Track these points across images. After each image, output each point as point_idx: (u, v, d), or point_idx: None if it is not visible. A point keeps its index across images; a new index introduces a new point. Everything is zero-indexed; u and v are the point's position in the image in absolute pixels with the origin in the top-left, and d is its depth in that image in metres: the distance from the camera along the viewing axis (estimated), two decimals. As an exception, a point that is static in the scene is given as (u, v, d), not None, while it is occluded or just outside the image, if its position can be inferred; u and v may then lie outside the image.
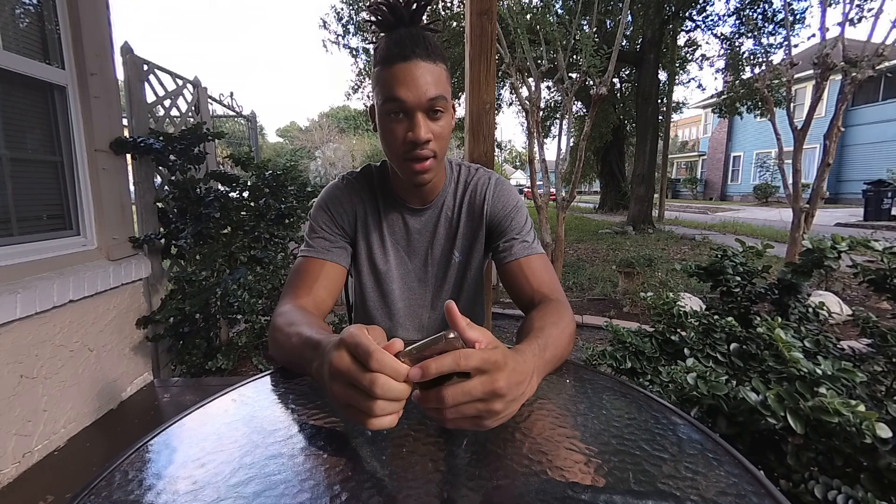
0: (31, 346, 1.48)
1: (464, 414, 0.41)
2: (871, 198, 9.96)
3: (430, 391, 0.41)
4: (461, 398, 0.40)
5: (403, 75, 0.69)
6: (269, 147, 35.83)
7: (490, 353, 0.42)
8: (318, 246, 0.83)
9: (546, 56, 4.01)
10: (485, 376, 0.41)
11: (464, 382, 0.41)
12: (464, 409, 0.41)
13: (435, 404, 0.41)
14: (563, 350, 0.64)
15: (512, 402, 0.44)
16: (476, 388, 0.41)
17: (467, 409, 0.41)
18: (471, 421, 0.43)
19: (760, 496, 0.39)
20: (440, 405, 0.41)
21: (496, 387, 0.41)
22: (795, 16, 7.94)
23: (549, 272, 0.82)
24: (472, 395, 0.41)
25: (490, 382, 0.41)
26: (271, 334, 0.69)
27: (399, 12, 0.72)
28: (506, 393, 0.42)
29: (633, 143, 13.30)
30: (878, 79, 14.18)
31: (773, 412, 0.73)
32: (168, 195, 2.38)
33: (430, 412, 0.42)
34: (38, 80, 1.67)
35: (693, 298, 3.29)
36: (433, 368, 0.40)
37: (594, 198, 23.78)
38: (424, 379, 0.40)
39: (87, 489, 0.41)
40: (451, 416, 0.41)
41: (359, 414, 0.41)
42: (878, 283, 1.10)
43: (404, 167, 0.75)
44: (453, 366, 0.40)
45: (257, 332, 2.32)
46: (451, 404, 0.40)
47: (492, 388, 0.41)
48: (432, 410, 0.42)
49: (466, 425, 0.43)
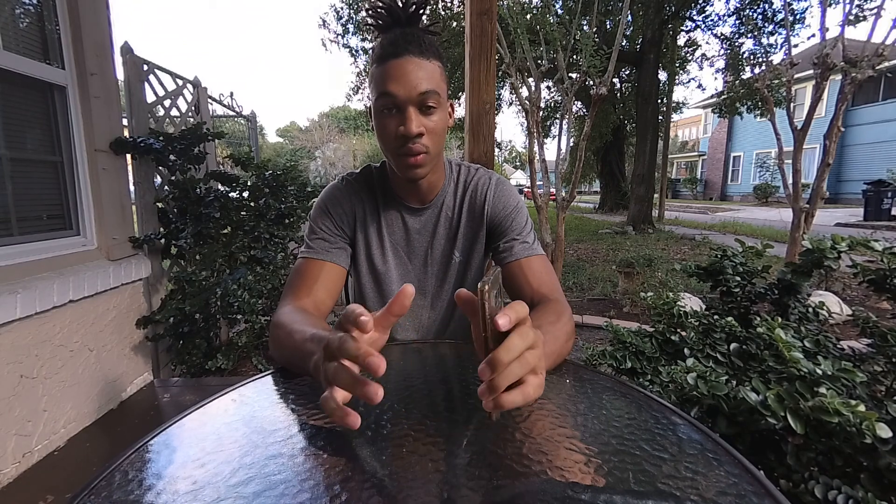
0: (31, 346, 1.48)
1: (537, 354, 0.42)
2: (871, 198, 9.96)
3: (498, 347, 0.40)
4: (520, 343, 0.41)
5: (395, 71, 0.70)
6: (269, 147, 35.85)
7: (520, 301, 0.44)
8: (317, 247, 0.83)
9: (546, 56, 4.01)
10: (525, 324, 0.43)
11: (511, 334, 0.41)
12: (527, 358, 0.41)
13: (506, 355, 0.40)
14: (562, 348, 0.64)
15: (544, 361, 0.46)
16: (526, 332, 0.42)
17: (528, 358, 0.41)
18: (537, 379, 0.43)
19: (760, 496, 0.39)
20: (510, 355, 0.40)
21: (536, 333, 0.43)
22: (795, 16, 7.93)
23: (549, 273, 0.82)
24: (526, 339, 0.41)
25: (530, 328, 0.43)
26: (272, 334, 0.69)
27: (396, 13, 0.73)
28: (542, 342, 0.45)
29: (633, 143, 13.29)
30: (878, 79, 14.20)
31: (774, 412, 0.73)
32: (168, 195, 2.38)
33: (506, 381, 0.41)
34: (39, 79, 1.67)
35: (693, 298, 3.29)
36: (513, 315, 0.40)
37: (594, 198, 23.78)
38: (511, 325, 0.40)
39: (87, 489, 0.41)
40: (532, 356, 0.42)
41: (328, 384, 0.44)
42: (878, 283, 1.10)
43: (398, 161, 0.76)
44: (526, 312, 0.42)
45: (257, 332, 2.31)
46: (519, 350, 0.40)
47: (533, 335, 0.43)
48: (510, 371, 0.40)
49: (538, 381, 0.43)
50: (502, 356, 0.39)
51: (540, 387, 0.44)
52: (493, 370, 0.40)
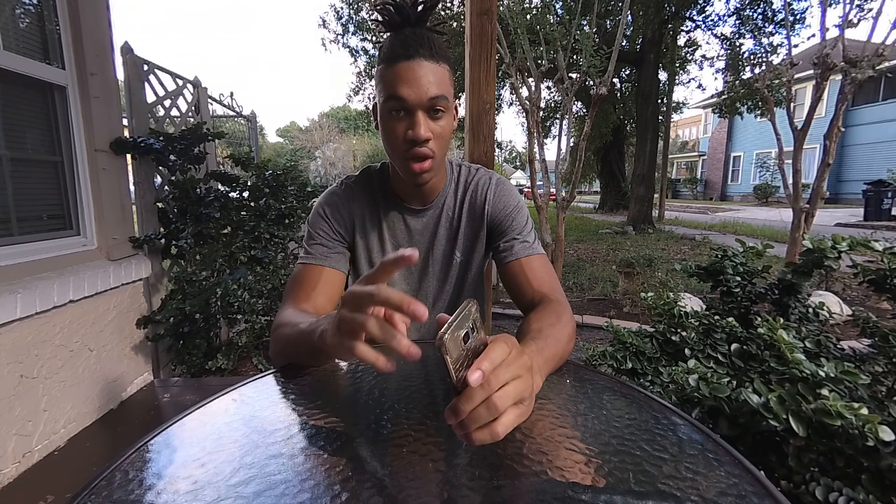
0: (32, 346, 1.48)
1: (511, 395, 0.39)
2: (871, 198, 9.96)
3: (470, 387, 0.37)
4: (505, 375, 0.39)
5: (406, 74, 0.69)
6: (269, 147, 35.84)
7: (507, 336, 0.43)
8: (316, 252, 0.83)
9: (546, 56, 4.01)
10: (513, 351, 0.41)
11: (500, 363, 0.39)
12: (510, 391, 0.39)
13: (482, 395, 0.37)
14: (563, 350, 0.64)
15: (535, 380, 0.46)
16: (512, 360, 0.40)
17: (512, 389, 0.39)
18: (517, 411, 0.40)
19: (761, 497, 0.39)
20: (489, 391, 0.37)
21: (524, 359, 0.42)
22: (795, 16, 7.93)
23: (549, 272, 0.82)
24: (512, 371, 0.40)
25: (518, 355, 0.41)
26: (274, 333, 0.69)
27: (405, 12, 0.73)
28: (531, 365, 0.43)
29: (633, 143, 13.30)
30: (878, 79, 14.17)
31: (776, 414, 0.73)
32: (168, 195, 2.38)
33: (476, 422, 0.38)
34: (39, 79, 1.67)
35: (693, 298, 3.29)
36: (488, 366, 0.37)
37: (594, 198, 23.78)
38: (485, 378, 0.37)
39: (87, 489, 0.41)
40: (503, 401, 0.38)
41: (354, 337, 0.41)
42: (878, 283, 1.10)
43: (404, 166, 0.76)
44: (503, 356, 0.39)
45: (257, 332, 2.31)
46: (499, 385, 0.38)
47: (521, 361, 0.41)
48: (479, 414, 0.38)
49: (514, 417, 0.40)
50: (463, 406, 0.37)
51: (522, 415, 0.41)
52: (455, 417, 0.38)
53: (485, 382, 0.37)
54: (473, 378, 0.36)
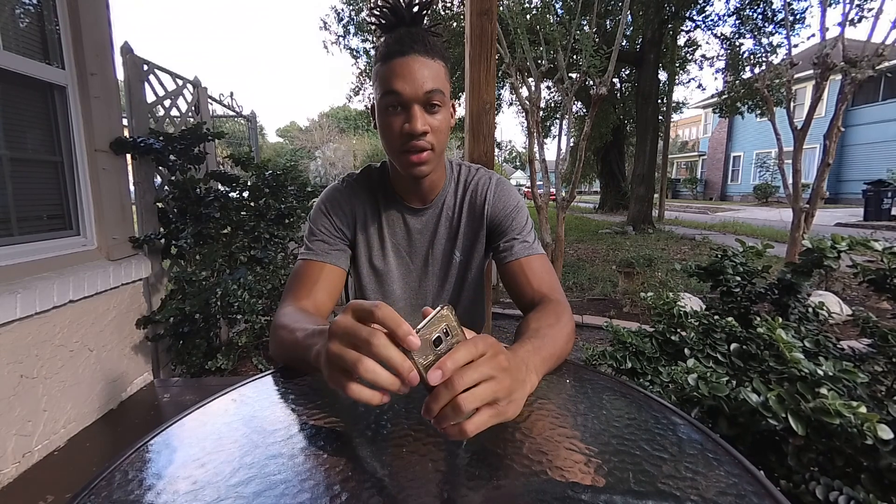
0: (31, 346, 1.48)
1: (480, 397, 0.40)
2: (871, 198, 9.96)
3: (439, 386, 0.39)
4: (471, 375, 0.39)
5: (401, 69, 0.70)
6: (269, 147, 35.82)
7: (486, 336, 0.43)
8: (317, 249, 0.83)
9: (546, 56, 4.01)
10: (488, 353, 0.42)
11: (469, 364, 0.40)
12: (479, 392, 0.39)
13: (447, 396, 0.38)
14: (561, 349, 0.64)
15: (520, 383, 0.45)
16: (483, 362, 0.41)
17: (482, 391, 0.40)
18: (490, 411, 0.41)
19: (761, 496, 0.39)
20: (453, 392, 0.38)
21: (499, 360, 0.42)
22: (795, 16, 7.93)
23: (549, 272, 0.82)
24: (481, 372, 0.40)
25: (493, 356, 0.42)
26: (273, 333, 0.69)
27: (400, 13, 0.74)
28: (509, 366, 0.43)
29: (633, 143, 13.29)
30: (878, 79, 14.18)
31: (775, 413, 0.73)
32: (168, 195, 2.38)
33: (446, 420, 0.39)
34: (39, 79, 1.67)
35: (693, 298, 3.29)
36: (450, 365, 0.38)
37: (594, 198, 23.77)
38: (445, 378, 0.38)
39: (87, 489, 0.41)
40: (469, 402, 0.39)
41: (345, 376, 0.40)
42: (878, 283, 1.10)
43: (402, 160, 0.76)
44: (468, 357, 0.40)
45: (257, 332, 2.32)
46: (463, 386, 0.39)
47: (495, 362, 0.41)
48: (447, 413, 0.39)
49: (487, 417, 0.41)
50: (432, 406, 0.39)
51: (499, 415, 0.42)
52: (428, 415, 0.40)
53: (449, 383, 0.38)
54: (432, 377, 0.38)
